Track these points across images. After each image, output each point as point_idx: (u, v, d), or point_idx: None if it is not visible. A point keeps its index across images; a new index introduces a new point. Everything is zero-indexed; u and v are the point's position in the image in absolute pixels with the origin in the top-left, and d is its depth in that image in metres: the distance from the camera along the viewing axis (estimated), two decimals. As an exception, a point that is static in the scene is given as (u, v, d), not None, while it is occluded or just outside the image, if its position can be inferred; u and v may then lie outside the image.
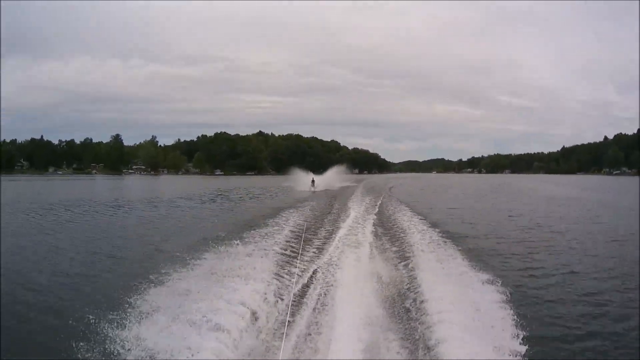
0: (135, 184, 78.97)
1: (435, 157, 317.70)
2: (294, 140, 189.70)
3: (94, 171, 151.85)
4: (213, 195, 41.74)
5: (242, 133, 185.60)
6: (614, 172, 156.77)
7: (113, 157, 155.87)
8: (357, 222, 19.16)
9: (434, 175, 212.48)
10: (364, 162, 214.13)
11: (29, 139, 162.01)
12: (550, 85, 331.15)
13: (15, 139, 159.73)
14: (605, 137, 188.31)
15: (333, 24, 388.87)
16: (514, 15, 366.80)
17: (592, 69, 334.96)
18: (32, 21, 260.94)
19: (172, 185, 71.03)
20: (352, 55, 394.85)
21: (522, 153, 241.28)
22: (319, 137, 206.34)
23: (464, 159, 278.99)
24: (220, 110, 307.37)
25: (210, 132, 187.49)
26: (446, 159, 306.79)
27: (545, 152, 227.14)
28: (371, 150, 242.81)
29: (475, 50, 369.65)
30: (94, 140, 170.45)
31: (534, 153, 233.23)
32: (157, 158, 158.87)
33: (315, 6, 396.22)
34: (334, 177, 54.33)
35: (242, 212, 26.56)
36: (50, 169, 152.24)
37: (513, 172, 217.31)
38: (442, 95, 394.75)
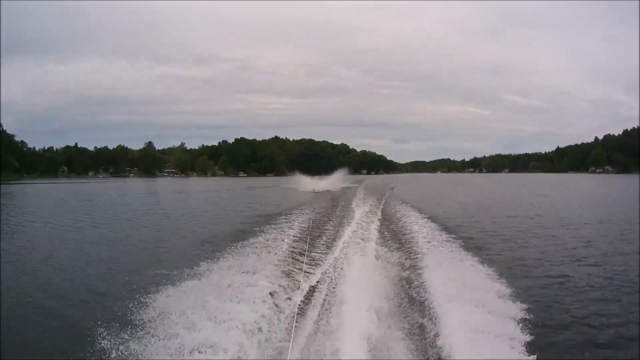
0: (182, 183, 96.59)
1: (441, 158, 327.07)
2: (307, 145, 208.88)
3: (131, 174, 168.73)
4: (245, 188, 61.16)
5: (253, 134, 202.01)
6: (597, 171, 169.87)
7: (147, 162, 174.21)
8: (351, 214, 21.20)
9: (435, 175, 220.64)
10: (372, 164, 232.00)
11: (63, 146, 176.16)
12: (559, 86, 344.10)
13: (52, 147, 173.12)
14: (596, 138, 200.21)
15: (345, 25, 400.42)
16: (524, 17, 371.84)
17: (601, 70, 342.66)
18: (38, 23, 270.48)
19: (214, 183, 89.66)
20: (363, 57, 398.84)
21: (522, 153, 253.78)
22: (329, 138, 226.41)
23: (467, 159, 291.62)
24: (231, 112, 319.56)
25: (221, 134, 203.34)
26: (452, 159, 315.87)
27: (544, 152, 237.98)
28: (379, 152, 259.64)
29: (486, 52, 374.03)
30: (111, 145, 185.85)
31: (532, 153, 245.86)
32: (186, 162, 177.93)
33: (327, 7, 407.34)
34: (335, 179, 58.70)
35: (267, 197, 42.52)
36: (90, 173, 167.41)
37: (511, 171, 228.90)
38: (452, 96, 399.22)
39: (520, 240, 15.99)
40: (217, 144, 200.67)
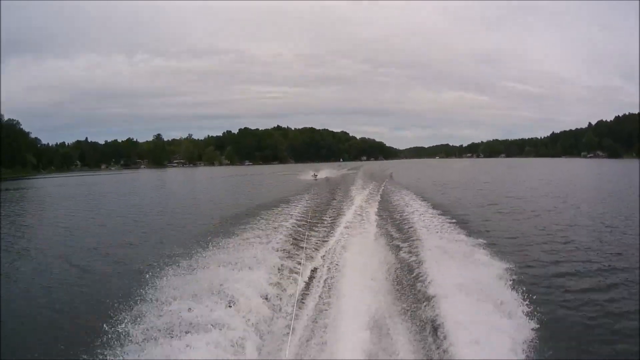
0: (200, 172, 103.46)
1: (440, 143, 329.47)
2: (309, 134, 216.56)
3: (142, 166, 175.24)
4: (257, 173, 69.07)
5: (253, 123, 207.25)
6: (589, 155, 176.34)
7: (156, 153, 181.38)
8: (350, 199, 22.40)
9: (427, 160, 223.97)
10: (371, 150, 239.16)
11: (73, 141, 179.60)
12: (557, 73, 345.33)
13: (64, 142, 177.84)
14: (589, 124, 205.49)
15: (341, 14, 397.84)
16: (521, 4, 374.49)
17: (598, 57, 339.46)
18: (35, 20, 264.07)
19: (230, 171, 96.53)
20: (360, 46, 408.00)
21: (517, 138, 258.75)
22: (329, 126, 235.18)
23: (465, 145, 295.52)
24: (230, 102, 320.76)
25: (220, 123, 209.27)
26: (451, 144, 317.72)
27: (540, 137, 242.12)
28: (378, 139, 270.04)
29: (483, 40, 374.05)
30: (110, 138, 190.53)
31: (527, 138, 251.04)
32: (193, 153, 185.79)
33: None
34: (333, 168, 64.98)
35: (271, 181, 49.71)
36: (102, 166, 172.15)
37: (507, 156, 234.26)
38: (450, 84, 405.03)
39: (509, 221, 17.68)
40: (221, 134, 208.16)
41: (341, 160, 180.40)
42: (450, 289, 7.33)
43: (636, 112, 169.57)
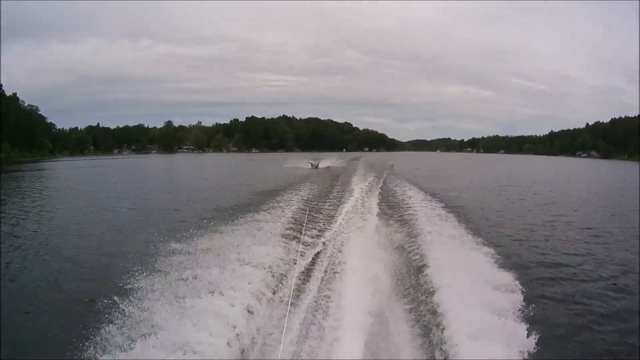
0: (205, 158, 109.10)
1: (442, 137, 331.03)
2: (314, 124, 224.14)
3: (153, 151, 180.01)
4: (268, 159, 76.81)
5: (258, 111, 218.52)
6: (583, 155, 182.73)
7: (167, 139, 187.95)
8: (350, 188, 22.75)
9: (432, 153, 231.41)
10: (374, 142, 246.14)
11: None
12: (560, 71, 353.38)
13: (77, 127, 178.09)
14: (587, 124, 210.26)
15: (348, 4, 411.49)
16: (527, 3, 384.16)
17: (602, 56, 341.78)
18: (40, 4, 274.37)
19: (235, 158, 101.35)
20: (365, 37, 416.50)
21: (518, 135, 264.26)
22: (333, 116, 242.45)
23: (466, 139, 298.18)
24: (234, 90, 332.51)
25: (225, 111, 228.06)
26: (453, 138, 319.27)
27: (540, 135, 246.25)
28: (381, 130, 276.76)
29: (487, 35, 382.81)
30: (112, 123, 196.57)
31: (527, 136, 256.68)
32: (202, 140, 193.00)
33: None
34: (334, 158, 64.10)
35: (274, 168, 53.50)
36: (115, 151, 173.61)
37: (507, 152, 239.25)
38: (453, 78, 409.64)
39: (506, 214, 18.94)
40: (229, 122, 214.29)
41: (344, 150, 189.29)
42: (452, 286, 7.20)
43: (636, 114, 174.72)
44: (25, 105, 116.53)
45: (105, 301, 7.10)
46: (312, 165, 47.49)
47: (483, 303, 6.68)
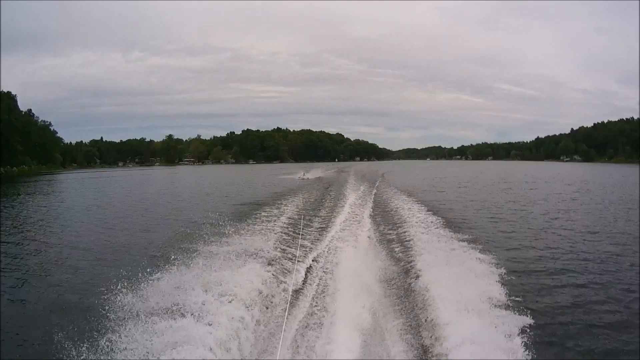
0: (207, 169, 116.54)
1: (432, 145, 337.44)
2: (307, 135, 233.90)
3: (156, 163, 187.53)
4: (267, 169, 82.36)
5: (249, 123, 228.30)
6: (566, 159, 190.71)
7: (169, 152, 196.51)
8: (340, 195, 24.15)
9: (422, 161, 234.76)
10: (364, 152, 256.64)
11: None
12: (552, 76, 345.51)
13: (81, 141, 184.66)
14: (572, 129, 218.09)
15: (337, 13, 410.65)
16: (518, 7, 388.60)
17: (594, 61, 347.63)
18: (31, 18, 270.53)
19: (238, 168, 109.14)
20: (355, 46, 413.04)
21: (505, 142, 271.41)
22: (325, 126, 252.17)
23: (455, 147, 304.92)
24: (225, 101, 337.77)
25: (216, 122, 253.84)
26: (443, 146, 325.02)
27: (527, 141, 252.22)
28: (373, 140, 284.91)
29: (478, 41, 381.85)
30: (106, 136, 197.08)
31: (514, 142, 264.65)
32: (202, 152, 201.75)
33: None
34: (322, 169, 68.36)
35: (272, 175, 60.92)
36: (120, 163, 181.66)
37: (494, 159, 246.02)
38: (445, 85, 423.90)
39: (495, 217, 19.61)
40: (226, 135, 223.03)
41: (336, 160, 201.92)
42: (445, 289, 7.28)
43: (627, 117, 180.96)
44: (39, 120, 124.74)
45: (104, 306, 7.10)
46: (302, 175, 50.78)
47: (478, 308, 6.75)
